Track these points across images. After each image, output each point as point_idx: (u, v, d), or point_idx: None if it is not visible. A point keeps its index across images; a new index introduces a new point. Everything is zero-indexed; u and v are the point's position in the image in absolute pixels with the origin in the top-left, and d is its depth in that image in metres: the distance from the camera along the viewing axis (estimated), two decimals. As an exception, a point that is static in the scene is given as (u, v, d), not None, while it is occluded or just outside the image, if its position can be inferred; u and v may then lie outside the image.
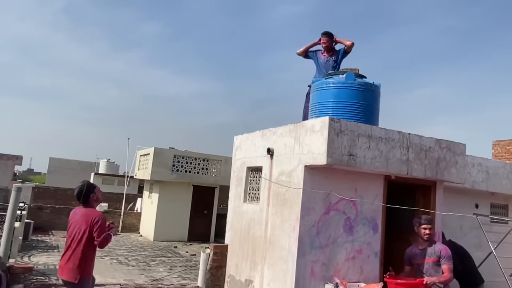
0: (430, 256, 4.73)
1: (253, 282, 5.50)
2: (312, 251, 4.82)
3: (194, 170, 14.62)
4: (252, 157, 6.06)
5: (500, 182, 7.00)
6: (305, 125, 5.02)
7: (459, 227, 6.95)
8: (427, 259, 4.73)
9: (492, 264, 6.08)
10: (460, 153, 5.55)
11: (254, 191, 6.07)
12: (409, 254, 4.88)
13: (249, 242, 5.80)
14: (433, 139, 5.34)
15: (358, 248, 5.08)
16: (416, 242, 4.92)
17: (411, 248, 4.90)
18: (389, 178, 5.24)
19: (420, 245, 4.83)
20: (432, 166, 5.27)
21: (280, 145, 5.40)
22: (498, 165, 7.10)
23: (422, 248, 4.80)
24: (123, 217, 15.81)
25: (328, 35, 6.37)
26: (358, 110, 5.38)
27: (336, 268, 4.92)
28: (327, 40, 6.35)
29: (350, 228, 5.05)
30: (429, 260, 4.72)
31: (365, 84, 5.52)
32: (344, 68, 6.06)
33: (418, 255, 4.79)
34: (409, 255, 4.88)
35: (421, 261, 4.76)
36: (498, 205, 7.58)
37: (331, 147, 4.58)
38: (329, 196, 4.94)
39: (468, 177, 6.37)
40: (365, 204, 5.13)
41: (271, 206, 5.41)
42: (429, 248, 4.76)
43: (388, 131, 5.02)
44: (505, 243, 6.25)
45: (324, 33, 6.42)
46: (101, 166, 32.78)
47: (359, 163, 4.76)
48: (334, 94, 5.47)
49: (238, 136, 6.65)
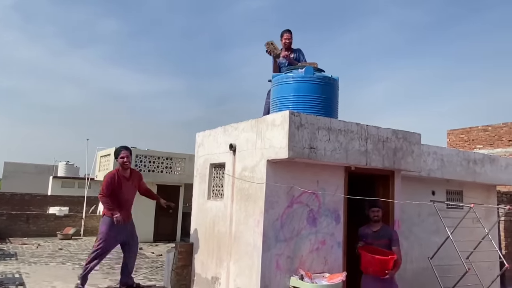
0: (381, 237, 5.09)
1: (219, 279, 5.48)
2: (277, 244, 4.85)
3: (157, 169, 14.38)
4: (215, 154, 6.02)
5: (455, 169, 7.29)
6: (266, 120, 5.03)
7: (418, 214, 7.20)
8: (379, 240, 5.06)
9: (449, 248, 6.34)
10: (415, 143, 5.74)
11: (217, 187, 6.04)
12: (362, 233, 5.21)
13: (214, 239, 5.77)
14: (390, 130, 5.49)
15: (321, 239, 5.16)
16: (367, 223, 5.24)
17: (364, 229, 5.22)
18: (349, 169, 5.36)
19: (372, 227, 5.16)
20: (389, 156, 5.43)
21: (243, 141, 5.39)
22: (452, 153, 7.39)
23: (375, 230, 5.13)
24: (85, 221, 15.34)
25: (290, 32, 6.45)
26: (318, 104, 5.47)
27: (301, 260, 4.99)
28: (291, 36, 6.43)
29: (313, 220, 5.13)
30: (380, 241, 5.06)
31: (323, 78, 5.60)
32: (303, 63, 6.13)
33: (370, 236, 5.13)
34: (361, 234, 5.20)
35: (372, 241, 5.08)
36: (453, 191, 7.90)
37: (292, 141, 4.62)
38: (292, 190, 4.98)
39: (424, 165, 6.60)
40: (327, 196, 5.22)
41: (235, 202, 5.40)
42: (380, 230, 5.12)
43: (347, 123, 5.12)
44: (461, 227, 6.51)
45: (286, 30, 6.47)
46: (60, 169, 31.60)
47: (320, 156, 4.83)
48: (294, 88, 5.53)
49: (200, 133, 6.59)
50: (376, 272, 4.93)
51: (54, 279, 7.35)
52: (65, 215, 15.54)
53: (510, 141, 15.83)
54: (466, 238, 6.71)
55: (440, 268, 6.58)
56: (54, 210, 16.67)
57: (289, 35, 6.43)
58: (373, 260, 4.92)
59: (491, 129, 16.49)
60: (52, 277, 7.59)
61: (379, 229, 5.13)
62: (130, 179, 6.36)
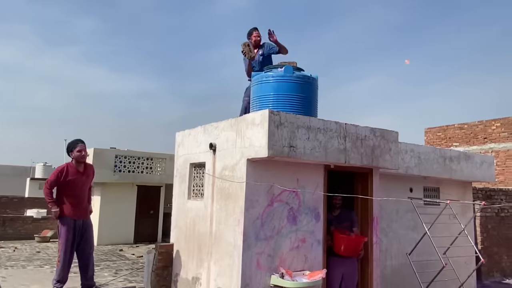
0: (343, 221, 5.58)
1: (200, 279, 5.46)
2: (257, 243, 4.86)
3: (137, 169, 14.22)
4: (195, 153, 5.99)
5: (431, 166, 7.43)
6: (246, 119, 5.04)
7: (396, 211, 7.32)
8: (342, 224, 5.55)
9: (427, 244, 6.46)
10: (393, 141, 5.83)
11: (198, 187, 6.01)
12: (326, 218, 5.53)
13: (194, 239, 5.74)
14: (368, 128, 5.57)
15: (301, 237, 5.19)
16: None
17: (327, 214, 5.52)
18: (328, 167, 5.41)
19: (333, 211, 5.62)
20: (368, 154, 5.50)
21: (223, 140, 5.38)
22: (429, 150, 7.53)
23: (335, 214, 5.62)
24: (64, 223, 15.05)
25: (258, 29, 6.61)
26: (297, 102, 5.50)
27: (281, 259, 5.01)
28: (259, 35, 6.57)
29: (293, 218, 5.16)
30: (343, 225, 5.55)
31: (303, 76, 5.64)
32: (283, 62, 6.16)
33: (334, 220, 5.54)
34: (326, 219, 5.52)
35: (336, 225, 5.50)
36: (430, 188, 8.05)
37: (272, 140, 4.64)
38: (272, 188, 5.00)
39: (402, 163, 6.71)
40: (307, 194, 5.26)
41: (216, 201, 5.39)
42: (341, 214, 5.62)
43: (326, 121, 5.16)
44: (438, 223, 6.65)
45: (255, 28, 6.63)
46: (37, 170, 30.91)
47: (300, 154, 4.86)
48: (274, 87, 5.55)
49: (180, 133, 6.55)
50: (350, 253, 5.38)
51: (32, 283, 7.20)
52: (43, 218, 15.24)
53: (485, 139, 16.26)
54: (443, 234, 6.85)
55: (418, 263, 6.71)
56: (31, 213, 16.34)
57: (257, 33, 6.61)
58: (348, 241, 5.33)
59: (467, 127, 16.90)
60: (29, 280, 7.43)
61: (339, 213, 5.65)
62: (85, 174, 6.09)
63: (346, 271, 5.51)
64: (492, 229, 10.68)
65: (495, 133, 15.94)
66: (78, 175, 5.99)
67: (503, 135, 15.71)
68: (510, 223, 11.21)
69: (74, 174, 5.94)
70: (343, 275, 5.48)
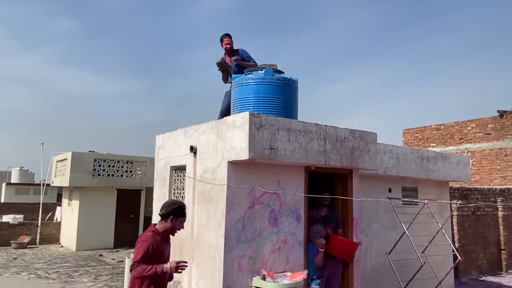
0: (330, 222, 5.60)
1: (182, 283, 5.42)
2: (239, 245, 4.86)
3: (117, 173, 14.06)
4: (176, 156, 5.96)
5: (409, 166, 7.57)
6: (226, 121, 5.03)
7: (375, 211, 7.42)
8: (329, 224, 5.55)
9: (405, 243, 6.58)
10: (372, 142, 5.92)
11: (178, 190, 5.97)
12: (312, 217, 5.53)
13: (176, 242, 5.69)
14: (347, 129, 5.64)
15: (283, 238, 5.22)
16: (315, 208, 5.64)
17: (313, 213, 5.58)
18: (309, 169, 5.45)
19: (320, 211, 5.63)
20: (347, 155, 5.57)
21: (203, 142, 5.36)
22: (407, 151, 7.66)
23: (323, 214, 5.62)
24: (41, 228, 14.76)
25: (229, 35, 6.65)
26: (278, 105, 5.53)
27: (263, 260, 5.02)
28: (231, 40, 6.63)
29: (275, 220, 5.17)
30: (330, 225, 5.56)
31: (283, 79, 5.67)
32: (263, 64, 6.19)
33: (320, 221, 5.53)
34: (312, 218, 5.53)
35: (324, 225, 5.48)
36: (408, 188, 8.20)
37: (253, 142, 4.65)
38: (253, 190, 5.01)
39: (381, 163, 6.82)
40: (288, 195, 5.28)
41: (197, 204, 5.37)
42: (328, 215, 5.64)
43: (306, 123, 5.21)
44: (416, 223, 6.77)
45: (226, 34, 6.67)
46: (13, 175, 30.17)
47: (280, 156, 4.89)
48: (254, 90, 5.57)
49: (160, 135, 6.50)
50: (345, 257, 5.49)
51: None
52: (19, 223, 14.90)
53: (461, 139, 16.63)
54: (421, 233, 6.98)
55: (397, 262, 6.82)
56: (7, 218, 15.95)
57: (229, 40, 6.69)
58: (344, 245, 5.44)
59: (444, 128, 17.26)
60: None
61: (326, 214, 5.64)
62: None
63: (331, 272, 5.57)
64: (469, 228, 10.95)
65: (471, 134, 16.33)
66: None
67: (478, 135, 16.11)
68: (486, 222, 11.51)
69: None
70: (328, 276, 5.55)
